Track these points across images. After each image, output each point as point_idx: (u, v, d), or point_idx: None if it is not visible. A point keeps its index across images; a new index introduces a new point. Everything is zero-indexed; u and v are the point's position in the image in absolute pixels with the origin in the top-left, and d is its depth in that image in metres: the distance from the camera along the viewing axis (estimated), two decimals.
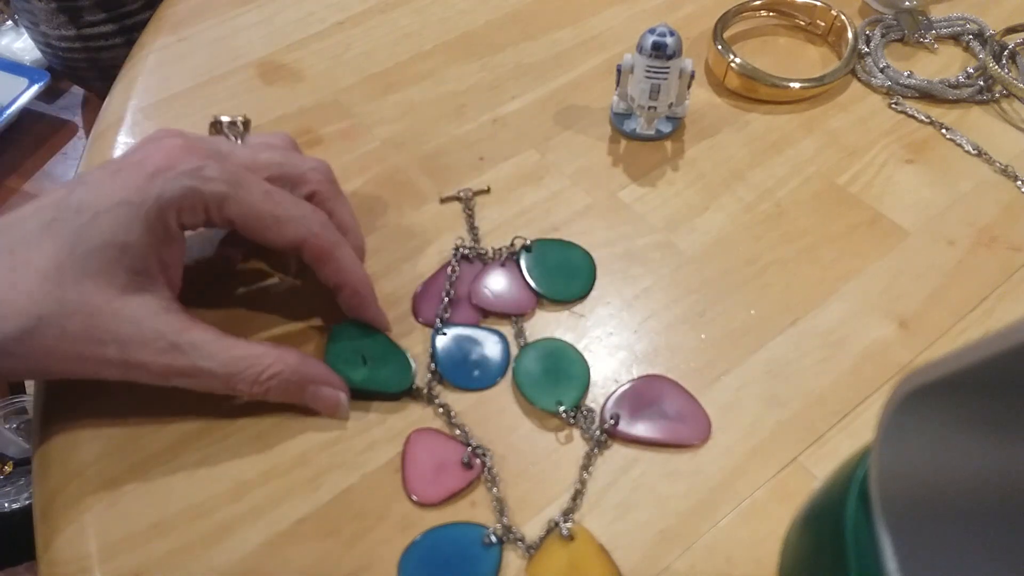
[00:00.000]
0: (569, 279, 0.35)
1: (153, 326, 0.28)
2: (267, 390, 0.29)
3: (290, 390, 0.30)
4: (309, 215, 0.30)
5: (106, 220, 0.27)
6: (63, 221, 0.27)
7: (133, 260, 0.28)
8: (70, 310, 0.27)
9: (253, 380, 0.29)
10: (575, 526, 0.28)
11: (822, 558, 0.20)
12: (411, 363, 0.33)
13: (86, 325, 0.27)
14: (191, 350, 0.28)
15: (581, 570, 0.27)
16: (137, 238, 0.27)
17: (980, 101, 0.44)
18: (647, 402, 0.31)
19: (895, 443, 0.17)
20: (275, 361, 0.29)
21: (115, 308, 0.27)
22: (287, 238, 0.30)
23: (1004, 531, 0.16)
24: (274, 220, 0.29)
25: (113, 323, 0.27)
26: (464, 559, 0.28)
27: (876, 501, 0.17)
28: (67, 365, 0.28)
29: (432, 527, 0.28)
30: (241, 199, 0.29)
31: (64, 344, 0.27)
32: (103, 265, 0.27)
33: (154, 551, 0.28)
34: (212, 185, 0.28)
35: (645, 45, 0.37)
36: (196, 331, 0.28)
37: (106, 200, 0.27)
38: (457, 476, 0.29)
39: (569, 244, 0.37)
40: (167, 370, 0.28)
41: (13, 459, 0.86)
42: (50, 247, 0.27)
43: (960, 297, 0.35)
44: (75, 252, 0.27)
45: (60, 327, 0.27)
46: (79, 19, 0.84)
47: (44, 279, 0.27)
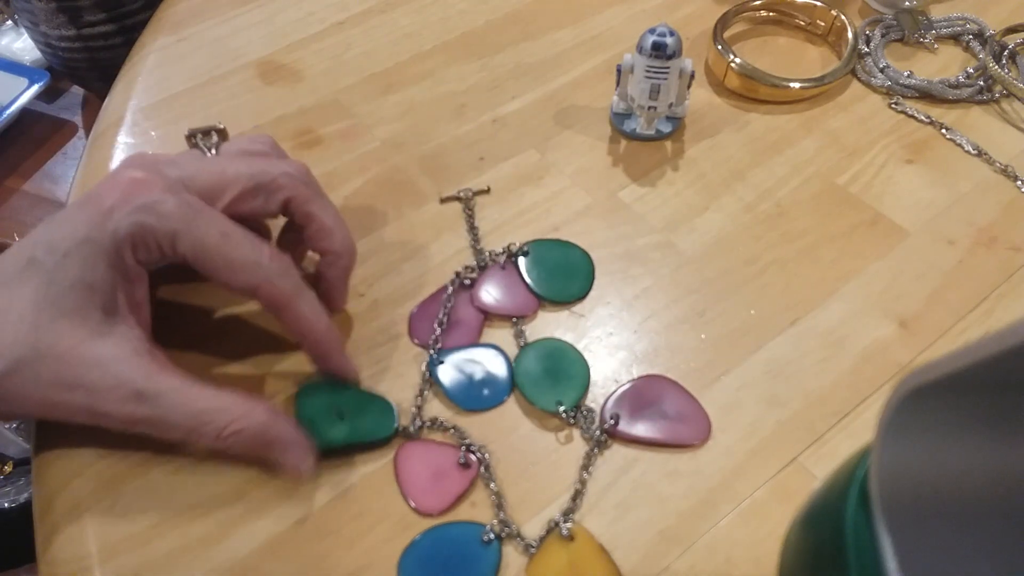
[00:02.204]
0: (568, 279, 0.35)
1: (119, 371, 0.27)
2: (228, 446, 0.28)
3: (253, 448, 0.28)
4: (266, 262, 0.29)
5: (74, 259, 0.27)
6: (39, 262, 0.27)
7: (102, 299, 0.27)
8: (43, 354, 0.26)
9: (214, 435, 0.27)
10: (575, 526, 0.28)
11: (822, 558, 0.20)
12: (391, 405, 0.31)
13: (56, 370, 0.27)
14: (154, 399, 0.27)
15: (581, 570, 0.27)
16: (102, 276, 0.27)
17: (980, 101, 0.44)
18: (647, 402, 0.31)
19: (895, 443, 0.17)
20: (240, 417, 0.28)
21: (83, 352, 0.27)
22: (240, 283, 0.29)
23: (1004, 531, 0.16)
24: (226, 263, 0.28)
25: (81, 368, 0.27)
26: (464, 558, 0.28)
27: (876, 501, 0.17)
28: (41, 410, 0.28)
29: (431, 527, 0.28)
30: (194, 237, 0.28)
31: (37, 389, 0.27)
32: (76, 305, 0.27)
33: (154, 551, 0.28)
34: (165, 222, 0.28)
35: (645, 45, 0.37)
36: (162, 377, 0.28)
37: (71, 238, 0.27)
38: (456, 479, 0.29)
39: (567, 244, 0.37)
40: (130, 419, 0.27)
41: (13, 459, 0.86)
42: (28, 289, 0.27)
43: (960, 297, 0.35)
44: (49, 293, 0.27)
45: (34, 372, 0.27)
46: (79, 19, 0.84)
47: (21, 322, 0.27)
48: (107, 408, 0.27)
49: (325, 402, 0.31)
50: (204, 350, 0.33)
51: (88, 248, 0.27)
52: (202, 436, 0.27)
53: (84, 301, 0.27)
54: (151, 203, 0.28)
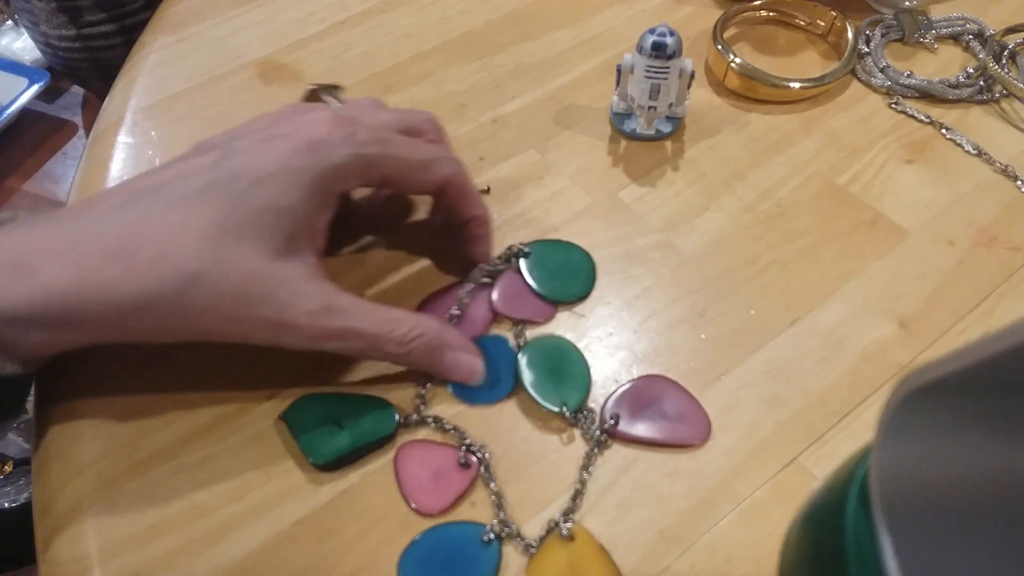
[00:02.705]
0: (570, 279, 0.35)
1: (309, 287, 0.29)
2: (410, 351, 0.30)
3: (431, 353, 0.31)
4: (447, 156, 0.33)
5: (267, 186, 0.28)
6: (220, 185, 0.28)
7: (290, 225, 0.28)
8: (227, 270, 0.27)
9: (399, 341, 0.30)
10: (575, 526, 0.28)
11: (822, 558, 0.20)
12: (387, 402, 0.31)
13: (243, 285, 0.27)
14: (343, 312, 0.29)
15: (581, 570, 0.27)
16: (296, 203, 0.28)
17: (980, 101, 0.44)
18: (647, 402, 0.31)
19: (895, 443, 0.17)
20: (419, 324, 0.30)
21: (271, 271, 0.28)
22: (435, 179, 0.32)
23: (1004, 531, 0.16)
24: (422, 166, 0.32)
25: (269, 285, 0.28)
26: (464, 558, 0.28)
27: (876, 501, 0.17)
28: (220, 325, 0.28)
29: (431, 527, 0.28)
30: (393, 155, 0.31)
31: (220, 303, 0.27)
32: (261, 229, 0.28)
33: (154, 551, 0.28)
34: (368, 148, 0.30)
35: (645, 45, 0.37)
36: (344, 296, 0.29)
37: (265, 167, 0.28)
38: (456, 479, 0.29)
39: (568, 244, 0.37)
40: (320, 332, 0.29)
41: (13, 459, 0.86)
42: (208, 209, 0.27)
43: (960, 297, 0.35)
44: (234, 215, 0.28)
45: (217, 286, 0.27)
46: (79, 19, 0.84)
47: (202, 239, 0.27)
48: (299, 321, 0.28)
49: (318, 416, 0.31)
50: (204, 350, 0.33)
51: (287, 176, 0.28)
52: (388, 342, 0.30)
53: (270, 226, 0.28)
54: (349, 135, 0.29)
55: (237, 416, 0.31)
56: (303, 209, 0.29)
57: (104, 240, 0.27)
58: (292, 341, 0.29)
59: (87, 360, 0.33)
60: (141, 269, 0.27)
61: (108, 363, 0.33)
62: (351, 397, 0.32)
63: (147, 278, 0.27)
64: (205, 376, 0.32)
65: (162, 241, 0.27)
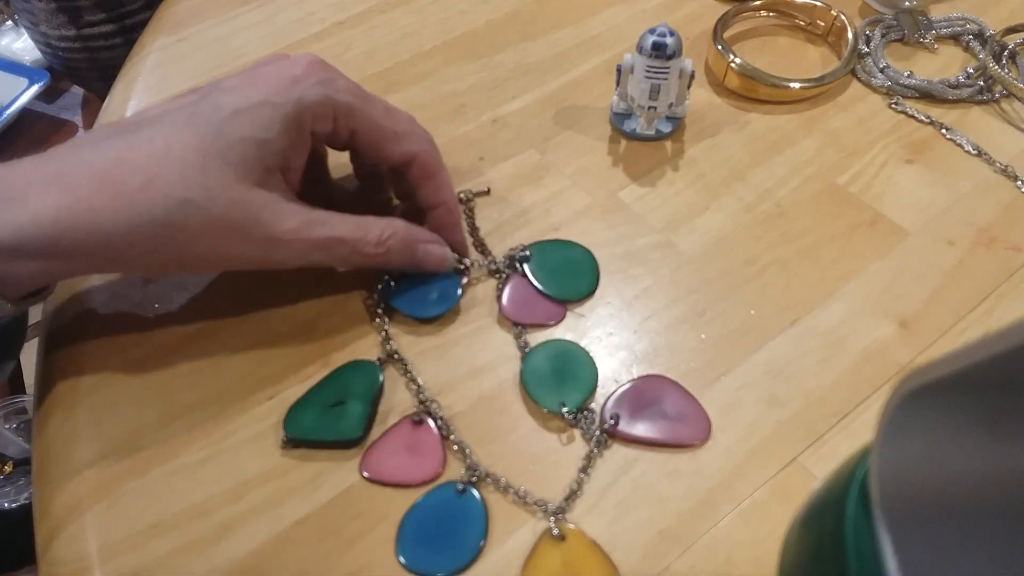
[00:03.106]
0: (574, 278, 0.36)
1: (289, 207, 0.30)
2: (387, 249, 0.32)
3: (405, 248, 0.32)
4: (421, 132, 0.33)
5: (247, 117, 0.29)
6: (202, 116, 0.29)
7: (269, 157, 0.29)
8: (214, 195, 0.28)
9: (376, 241, 0.31)
10: (566, 526, 0.28)
11: (822, 558, 0.20)
12: (365, 361, 0.32)
13: (229, 209, 0.28)
14: (323, 223, 0.30)
15: (575, 568, 0.27)
16: (275, 136, 0.29)
17: (980, 101, 0.44)
18: (647, 402, 0.31)
19: (895, 443, 0.17)
20: (388, 225, 0.32)
21: (253, 196, 0.29)
22: (402, 152, 0.33)
23: (1004, 531, 0.16)
24: (393, 135, 0.32)
25: (254, 208, 0.29)
26: (452, 516, 0.28)
27: (876, 501, 0.17)
28: (210, 250, 0.29)
29: (410, 506, 0.29)
30: (367, 112, 0.31)
31: (209, 228, 0.28)
32: (242, 158, 0.29)
33: (154, 551, 0.28)
34: (343, 96, 0.31)
35: (645, 45, 0.37)
36: (321, 211, 0.31)
37: (245, 101, 0.29)
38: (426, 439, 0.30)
39: (567, 243, 0.37)
40: (306, 244, 0.30)
41: (13, 459, 0.86)
42: (191, 138, 0.28)
43: (960, 297, 0.35)
44: (217, 143, 0.28)
45: (206, 211, 0.28)
46: (79, 19, 0.84)
47: (187, 166, 0.28)
48: (285, 236, 0.29)
49: (317, 407, 0.31)
50: (204, 349, 0.33)
51: (266, 110, 0.29)
52: (367, 244, 0.31)
53: (251, 155, 0.29)
54: (331, 79, 0.31)
55: (237, 416, 0.31)
56: (280, 143, 0.29)
57: (90, 170, 0.27)
58: (281, 257, 0.30)
59: (87, 360, 0.33)
60: (129, 196, 0.27)
61: (108, 363, 0.33)
62: (338, 376, 0.32)
63: (135, 204, 0.27)
64: (205, 376, 0.32)
65: (148, 168, 0.28)
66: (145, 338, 0.33)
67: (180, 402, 0.32)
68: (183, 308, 0.35)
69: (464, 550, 0.28)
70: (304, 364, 0.33)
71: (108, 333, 0.34)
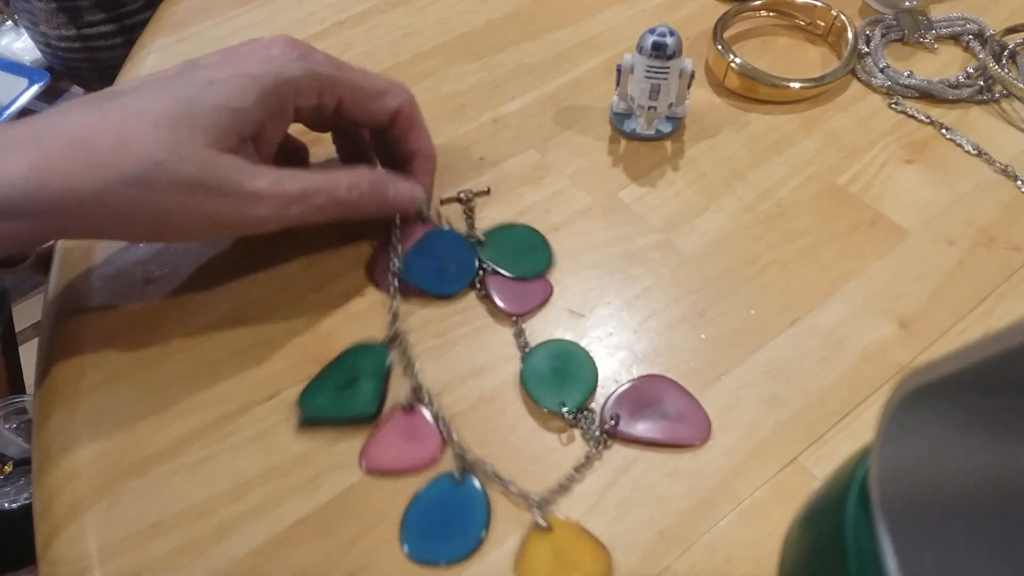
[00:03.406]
0: (530, 256, 0.36)
1: (260, 169, 0.31)
2: (360, 194, 0.33)
3: (376, 191, 0.34)
4: (400, 86, 0.35)
5: (221, 87, 0.29)
6: (177, 85, 0.29)
7: (243, 126, 0.30)
8: (186, 158, 0.28)
9: (349, 186, 0.33)
10: (552, 516, 0.28)
11: (822, 558, 0.20)
12: (370, 342, 0.33)
13: (201, 172, 0.29)
14: (295, 177, 0.31)
15: (566, 556, 0.27)
16: (250, 106, 0.30)
17: (980, 101, 0.44)
18: (647, 402, 0.31)
19: (895, 443, 0.17)
20: (354, 171, 0.33)
21: (226, 159, 0.29)
22: (388, 107, 0.34)
23: (1004, 531, 0.16)
24: (376, 93, 0.34)
25: (226, 170, 0.29)
26: (454, 505, 0.29)
27: (876, 501, 0.17)
28: (184, 213, 0.29)
29: (410, 500, 0.29)
30: (348, 78, 0.33)
31: (181, 188, 0.29)
32: (215, 124, 0.29)
33: (154, 551, 0.28)
34: (324, 68, 0.32)
35: (645, 45, 0.37)
36: (290, 168, 0.32)
37: (221, 73, 0.30)
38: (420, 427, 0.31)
39: (515, 225, 0.38)
40: (281, 198, 0.31)
41: (13, 459, 0.86)
42: (164, 104, 0.29)
43: (960, 297, 0.35)
44: (189, 108, 0.29)
45: (177, 173, 0.28)
46: (79, 19, 0.84)
47: (159, 128, 0.28)
48: (260, 191, 0.30)
49: (330, 388, 0.32)
50: (204, 349, 0.33)
51: (242, 80, 0.30)
52: (339, 190, 0.32)
53: (224, 123, 0.29)
54: (308, 53, 0.32)
55: (237, 416, 0.31)
56: (255, 113, 0.30)
57: (63, 133, 0.28)
58: (259, 215, 0.30)
59: (87, 360, 0.33)
60: (101, 155, 0.27)
61: (108, 363, 0.33)
62: (344, 359, 0.33)
63: (107, 165, 0.27)
64: (205, 376, 0.32)
65: (120, 130, 0.28)
66: (145, 338, 0.33)
67: (180, 402, 0.32)
68: (183, 308, 0.35)
69: (467, 539, 0.28)
70: (304, 364, 0.33)
71: (108, 333, 0.34)
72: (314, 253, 0.37)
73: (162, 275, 0.36)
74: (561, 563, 0.27)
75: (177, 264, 0.36)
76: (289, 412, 0.31)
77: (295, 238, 0.37)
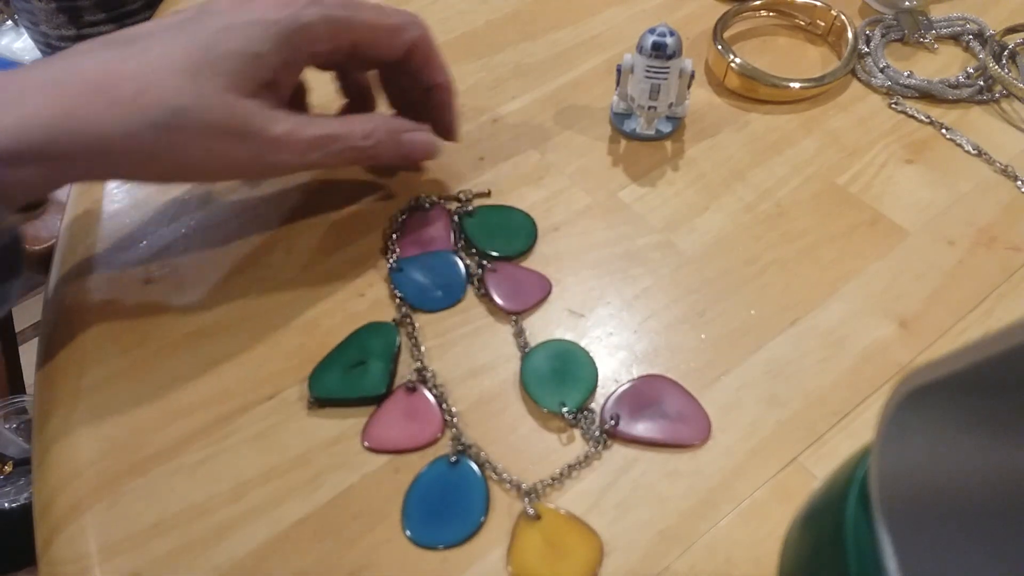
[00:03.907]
0: (511, 237, 0.37)
1: (280, 114, 0.31)
2: (376, 142, 0.33)
3: (391, 139, 0.34)
4: (414, 17, 0.35)
5: (239, 32, 0.29)
6: (194, 31, 0.29)
7: (261, 71, 0.30)
8: (208, 103, 0.29)
9: (364, 135, 0.33)
10: (540, 505, 0.29)
11: (822, 558, 0.20)
12: (380, 322, 0.34)
13: (224, 117, 0.29)
14: (314, 123, 0.32)
15: (557, 543, 0.28)
16: (267, 52, 0.30)
17: (980, 101, 0.44)
18: (647, 402, 0.31)
19: (895, 443, 0.17)
20: (370, 119, 0.34)
21: (246, 104, 0.30)
22: (404, 40, 0.34)
23: (1004, 531, 0.16)
24: (392, 29, 0.33)
25: (247, 115, 0.30)
26: (452, 488, 0.29)
27: (876, 501, 0.17)
28: (206, 156, 0.30)
29: (410, 483, 0.29)
30: (363, 19, 0.33)
31: (205, 133, 0.29)
32: (233, 70, 0.29)
33: (154, 551, 0.28)
34: (336, 11, 0.32)
35: (645, 45, 0.37)
36: (308, 114, 0.32)
37: (237, 19, 0.30)
38: (422, 405, 0.31)
39: (508, 208, 0.38)
40: (300, 143, 0.31)
41: (13, 459, 0.86)
42: (183, 50, 0.29)
43: (960, 297, 0.35)
44: (209, 54, 0.29)
45: (199, 118, 0.29)
46: (79, 19, 0.84)
47: (179, 73, 0.28)
48: (279, 137, 0.30)
49: (339, 368, 0.32)
50: (204, 349, 0.33)
51: (258, 27, 0.30)
52: (356, 138, 0.33)
53: (243, 68, 0.29)
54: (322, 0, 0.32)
55: (237, 416, 0.31)
56: (272, 59, 0.30)
57: (83, 77, 0.28)
58: (278, 160, 0.31)
59: (87, 360, 0.33)
60: (123, 103, 0.28)
61: (108, 363, 0.33)
62: (346, 342, 0.33)
63: (131, 112, 0.28)
64: (206, 376, 0.32)
65: (142, 77, 0.28)
66: (145, 338, 0.33)
67: (180, 402, 0.32)
68: (183, 308, 0.35)
69: (466, 523, 0.28)
70: (304, 364, 0.33)
71: (108, 333, 0.34)
72: (314, 253, 0.37)
73: (162, 275, 0.36)
74: (552, 551, 0.27)
75: (177, 264, 0.36)
76: (289, 412, 0.31)
77: (295, 238, 0.37)
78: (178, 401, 0.32)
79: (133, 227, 0.38)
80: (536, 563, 0.27)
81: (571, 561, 0.27)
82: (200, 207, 0.38)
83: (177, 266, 0.36)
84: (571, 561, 0.27)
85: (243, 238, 0.37)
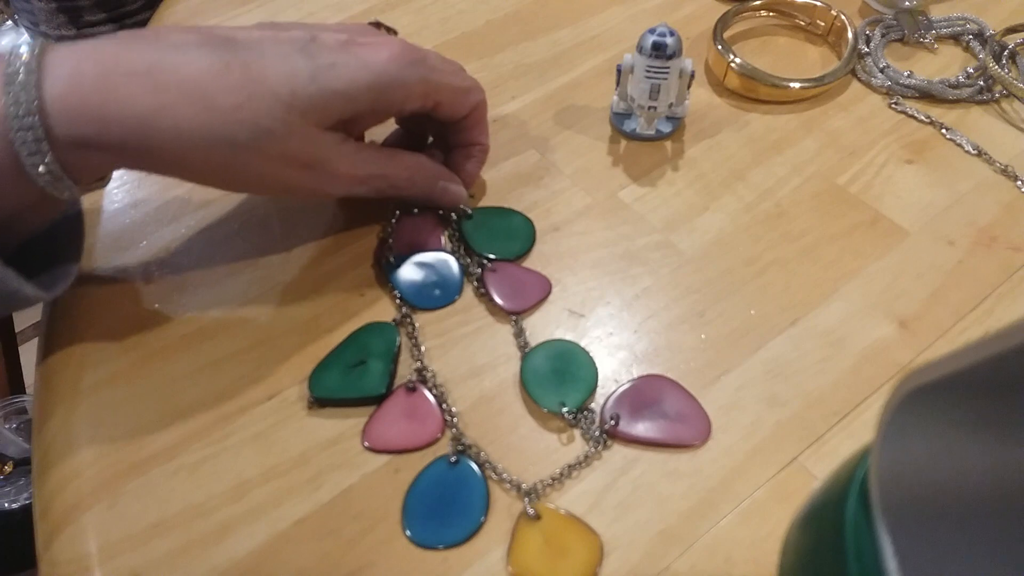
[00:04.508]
0: (510, 240, 0.37)
1: (346, 148, 0.32)
2: (414, 183, 0.36)
3: (427, 182, 0.36)
4: (476, 82, 0.37)
5: (342, 72, 0.30)
6: (300, 58, 0.30)
7: (348, 112, 0.31)
8: (292, 132, 0.30)
9: (407, 176, 0.35)
10: (540, 505, 0.29)
11: (822, 558, 0.20)
12: (379, 322, 0.34)
13: (301, 147, 0.30)
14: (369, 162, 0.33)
15: (557, 543, 0.28)
16: (364, 98, 0.31)
17: (980, 101, 0.44)
18: (647, 402, 0.31)
19: (895, 443, 0.17)
20: (415, 161, 0.36)
21: (324, 137, 0.31)
22: (470, 103, 0.36)
23: (1004, 531, 0.16)
24: (465, 91, 0.35)
25: (323, 150, 0.31)
26: (452, 487, 0.29)
27: (876, 501, 0.17)
28: (273, 177, 0.31)
29: (410, 483, 0.29)
30: (449, 83, 0.34)
31: (279, 161, 0.30)
32: (327, 106, 0.30)
33: (154, 551, 0.28)
34: (434, 75, 0.33)
35: (645, 45, 0.37)
36: (366, 149, 0.34)
37: (344, 58, 0.31)
38: (422, 405, 0.31)
39: (508, 210, 0.38)
40: (353, 179, 0.33)
41: (13, 459, 0.86)
42: (287, 74, 0.30)
43: (960, 297, 0.35)
44: (309, 88, 0.30)
45: (281, 144, 0.30)
46: (79, 19, 0.84)
47: (277, 100, 0.29)
48: (340, 172, 0.32)
49: (339, 368, 0.32)
50: (204, 349, 0.33)
51: (365, 73, 0.31)
52: (399, 178, 0.35)
53: (335, 107, 0.31)
54: (422, 59, 0.33)
55: (237, 416, 0.31)
56: (365, 105, 0.31)
57: (179, 76, 0.28)
58: (331, 190, 0.33)
59: (87, 360, 0.33)
60: (218, 114, 0.28)
61: (108, 363, 0.33)
62: (346, 342, 0.33)
63: (222, 124, 0.28)
64: (205, 376, 0.32)
65: (242, 91, 0.29)
66: (145, 338, 0.33)
67: (180, 402, 0.32)
68: (183, 308, 0.35)
69: (466, 523, 0.28)
70: (304, 364, 0.33)
71: (108, 333, 0.34)
72: (314, 254, 0.37)
73: (162, 275, 0.36)
74: (552, 551, 0.27)
75: (177, 264, 0.36)
76: (289, 412, 0.31)
77: (295, 238, 0.37)
78: (178, 401, 0.32)
79: (133, 227, 0.38)
80: (536, 563, 0.27)
81: (571, 561, 0.27)
82: (200, 207, 0.38)
83: (177, 266, 0.36)
84: (571, 561, 0.27)
85: (243, 238, 0.37)
